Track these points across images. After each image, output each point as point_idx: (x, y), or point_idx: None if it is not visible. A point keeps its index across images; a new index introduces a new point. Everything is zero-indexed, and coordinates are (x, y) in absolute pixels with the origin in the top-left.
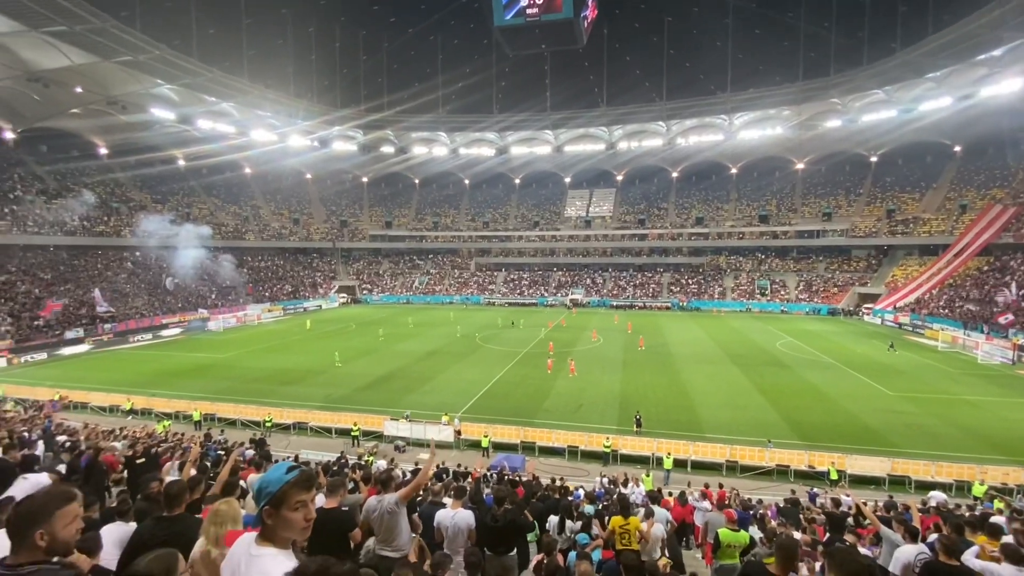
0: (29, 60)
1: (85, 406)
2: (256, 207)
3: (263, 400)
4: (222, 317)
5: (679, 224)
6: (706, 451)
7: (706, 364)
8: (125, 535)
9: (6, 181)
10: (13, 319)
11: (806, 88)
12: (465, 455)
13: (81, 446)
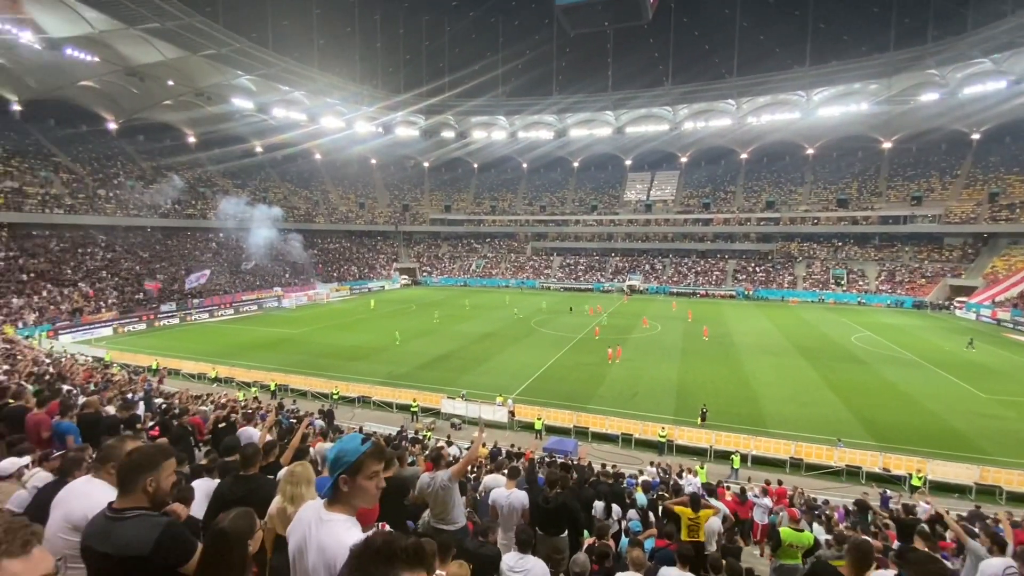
0: (128, 56)
1: (178, 373)
2: (325, 192)
3: (331, 374)
4: (294, 295)
5: (747, 208)
6: (768, 446)
7: (771, 356)
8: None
9: (110, 168)
10: (118, 292)
11: (898, 58)
12: (518, 436)
13: (175, 409)
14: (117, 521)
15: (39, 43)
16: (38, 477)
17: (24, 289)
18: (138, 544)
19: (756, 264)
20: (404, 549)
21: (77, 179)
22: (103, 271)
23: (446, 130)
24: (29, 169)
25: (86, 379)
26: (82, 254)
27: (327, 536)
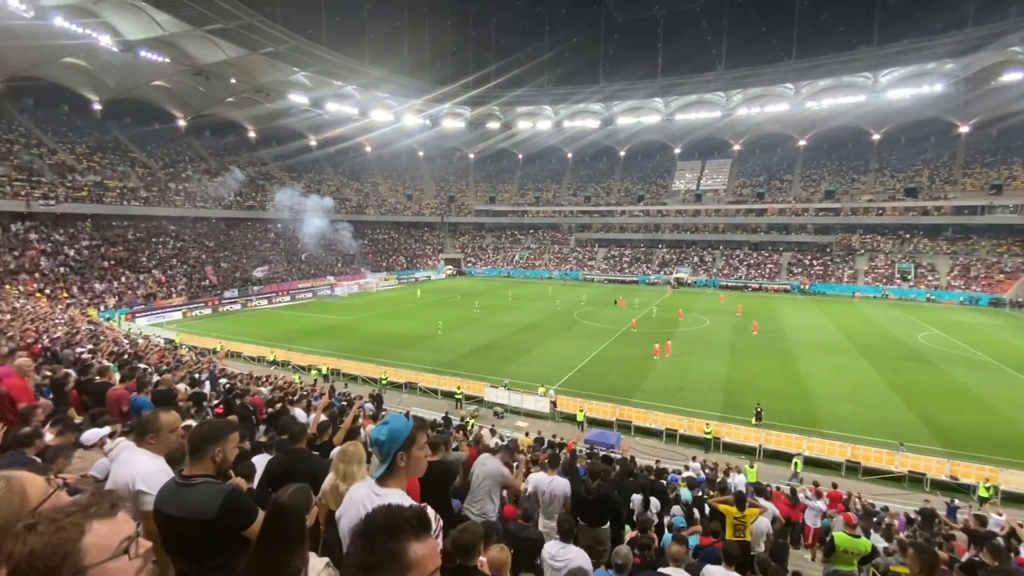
0: (195, 56)
1: (239, 355)
2: (375, 184)
3: (380, 360)
4: (346, 284)
5: (804, 198)
6: (822, 448)
7: (828, 353)
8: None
9: (180, 162)
10: (186, 279)
11: (976, 35)
12: (560, 427)
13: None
14: (186, 487)
15: (116, 46)
16: (121, 445)
17: (105, 275)
18: (205, 508)
19: (813, 257)
20: (407, 520)
21: (151, 173)
22: (173, 259)
23: (491, 121)
24: (109, 164)
25: (159, 359)
26: (155, 243)
27: None
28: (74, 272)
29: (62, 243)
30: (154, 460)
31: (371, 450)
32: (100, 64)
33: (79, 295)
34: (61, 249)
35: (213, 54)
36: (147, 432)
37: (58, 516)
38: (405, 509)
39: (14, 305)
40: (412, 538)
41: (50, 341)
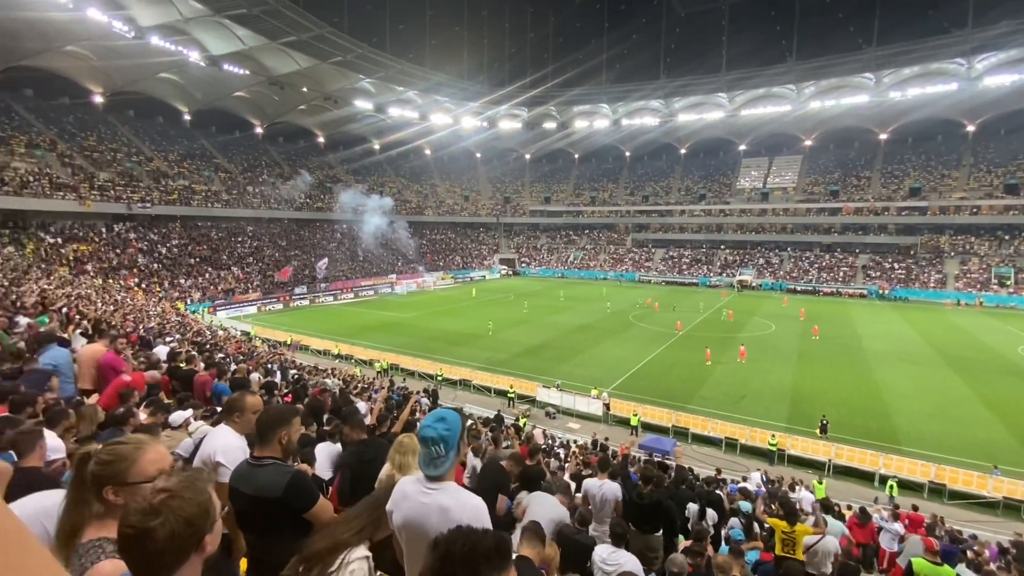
0: (270, 67)
1: (307, 348)
2: (434, 185)
3: (436, 356)
4: (405, 282)
5: (885, 196)
6: (901, 466)
7: (910, 364)
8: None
9: (257, 167)
10: (261, 276)
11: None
12: (613, 430)
13: (305, 379)
14: (256, 467)
15: (203, 61)
16: (201, 429)
17: (191, 271)
18: (272, 487)
19: (894, 260)
20: (487, 553)
21: (231, 177)
22: (250, 257)
23: (548, 121)
24: (196, 170)
25: (236, 349)
26: (234, 242)
27: (446, 499)
28: (165, 268)
29: (156, 242)
30: (236, 437)
31: (429, 447)
32: (189, 78)
33: (169, 289)
34: (155, 247)
35: (287, 65)
36: (233, 411)
37: (193, 482)
38: (485, 539)
39: (115, 298)
40: (493, 571)
41: (144, 331)
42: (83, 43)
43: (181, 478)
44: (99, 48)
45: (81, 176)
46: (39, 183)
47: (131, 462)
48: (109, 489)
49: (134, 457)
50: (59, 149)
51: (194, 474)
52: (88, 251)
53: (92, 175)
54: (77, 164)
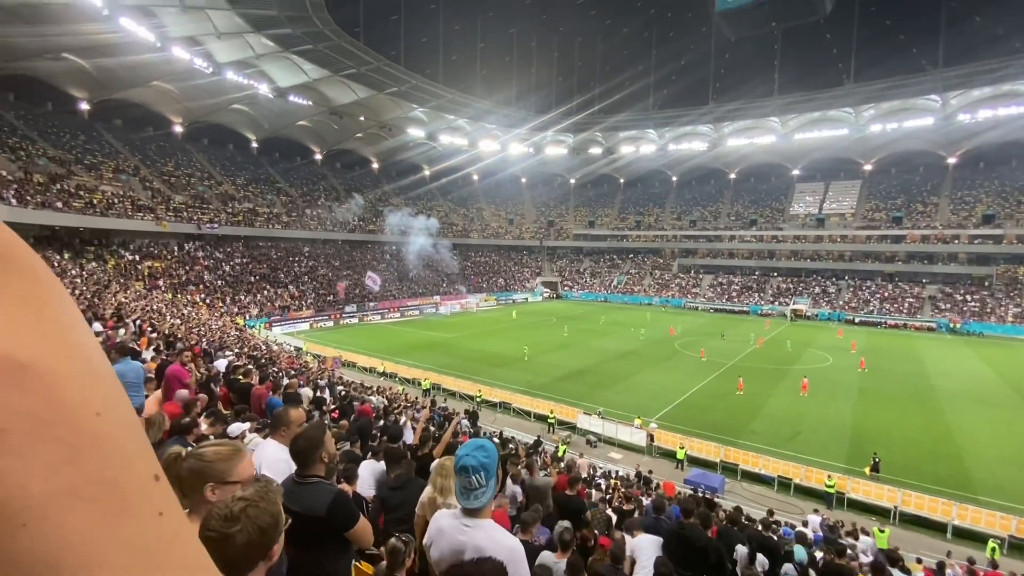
0: (331, 98)
1: (354, 365)
2: (480, 209)
3: (477, 377)
4: (449, 303)
5: (955, 223)
6: (977, 517)
7: (986, 406)
8: (377, 470)
9: (315, 191)
10: (315, 295)
11: None
12: (657, 463)
13: (353, 396)
14: (302, 486)
15: (271, 92)
16: (255, 442)
17: (251, 288)
18: (316, 506)
19: (967, 291)
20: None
21: (291, 200)
22: (305, 276)
23: (593, 147)
24: (260, 193)
25: (288, 364)
26: (291, 261)
27: (483, 539)
28: (228, 285)
29: (221, 260)
30: (280, 450)
31: (469, 476)
32: (258, 108)
33: (230, 305)
34: (220, 265)
35: (347, 95)
36: (280, 425)
37: (267, 493)
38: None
39: (183, 312)
40: None
41: (207, 344)
42: (167, 78)
43: (257, 488)
44: (180, 82)
45: (159, 199)
46: (122, 205)
47: (233, 463)
48: (211, 486)
49: (235, 459)
50: (141, 174)
51: (268, 485)
52: (161, 267)
53: (169, 198)
54: (156, 188)
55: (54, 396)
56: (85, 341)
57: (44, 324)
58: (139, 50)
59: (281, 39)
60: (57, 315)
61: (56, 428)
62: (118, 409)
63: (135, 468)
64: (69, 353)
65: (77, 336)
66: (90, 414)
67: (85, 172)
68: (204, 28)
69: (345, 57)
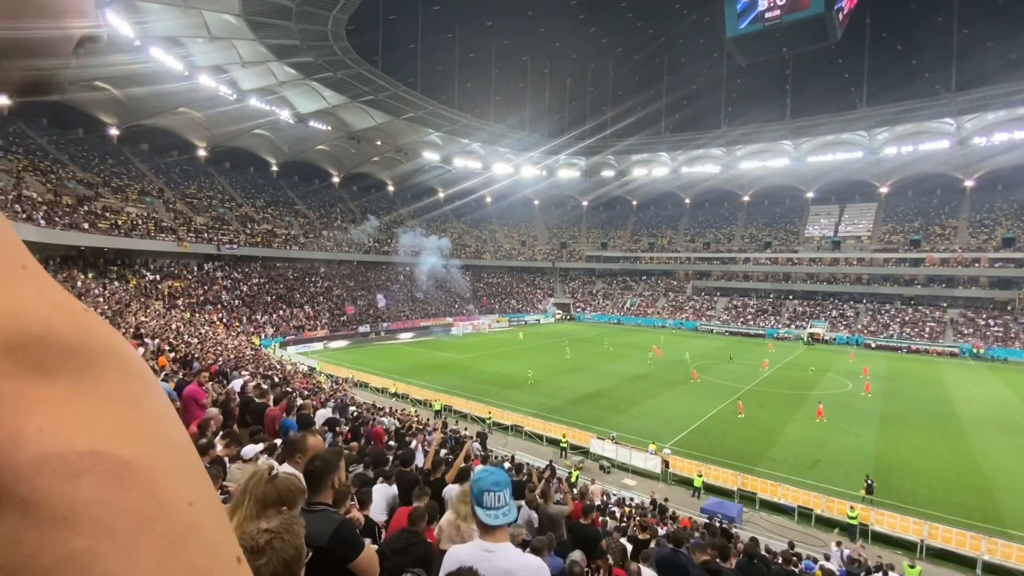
0: (350, 123)
1: (366, 385)
2: (493, 231)
3: (488, 400)
4: (461, 324)
5: (975, 246)
6: (1008, 552)
7: (1014, 435)
8: (389, 494)
9: (332, 213)
10: (329, 315)
11: None
12: (672, 490)
13: (365, 417)
14: (308, 512)
15: (292, 118)
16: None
17: (267, 308)
18: (319, 535)
19: (989, 315)
20: None
21: (309, 222)
22: (320, 296)
23: (606, 169)
24: (279, 215)
25: (302, 385)
26: (307, 281)
27: (508, 562)
28: (245, 304)
29: (239, 280)
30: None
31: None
32: (279, 133)
33: (247, 324)
34: (238, 285)
35: (365, 121)
36: (296, 452)
37: (291, 525)
38: None
39: (200, 331)
40: None
41: (223, 363)
42: (194, 105)
43: (282, 520)
44: (206, 109)
45: (181, 220)
46: (145, 226)
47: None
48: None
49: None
50: (165, 196)
51: (292, 517)
52: (181, 287)
53: (190, 219)
54: (178, 209)
55: (155, 491)
56: (176, 432)
57: (142, 419)
58: (168, 79)
59: (303, 67)
60: (152, 408)
61: (159, 523)
62: (206, 496)
63: (223, 553)
64: (165, 446)
65: (168, 428)
66: (185, 506)
67: (112, 194)
68: (230, 57)
69: (363, 84)
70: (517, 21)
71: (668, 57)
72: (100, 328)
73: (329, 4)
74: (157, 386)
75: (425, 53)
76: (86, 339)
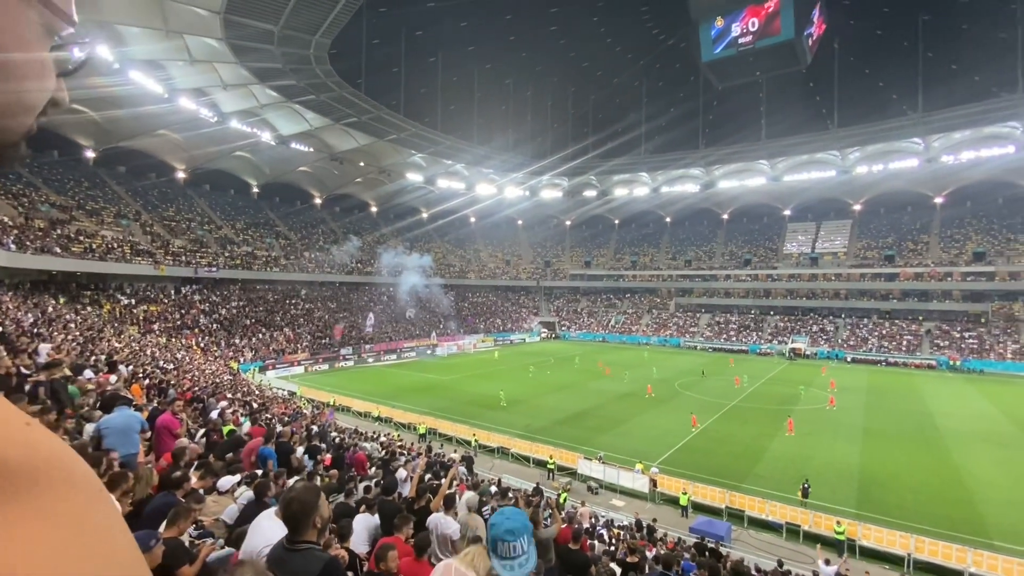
0: (333, 145)
1: (348, 410)
2: (477, 251)
3: (474, 421)
4: (446, 344)
5: (947, 261)
6: (994, 564)
7: (993, 446)
8: (371, 525)
9: (314, 234)
10: (311, 337)
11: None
12: (660, 510)
13: (347, 444)
14: (292, 552)
15: (273, 140)
16: (245, 496)
17: (246, 332)
18: (306, 574)
19: (963, 328)
20: None
21: (290, 244)
22: (301, 318)
23: (588, 189)
24: (259, 237)
25: (282, 411)
26: (288, 304)
27: None
28: (223, 328)
29: (217, 303)
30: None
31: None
32: (260, 155)
33: (225, 349)
34: (216, 308)
35: (347, 142)
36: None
37: None
38: None
39: (175, 356)
40: None
41: (199, 390)
42: (173, 127)
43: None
44: (186, 132)
45: (158, 243)
46: (121, 249)
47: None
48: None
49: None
50: (143, 219)
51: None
52: (157, 311)
53: (168, 242)
54: (156, 232)
55: None
56: (120, 550)
57: (81, 542)
58: (147, 101)
59: (285, 90)
60: (95, 526)
61: None
62: None
63: None
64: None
65: (111, 547)
66: None
67: (86, 217)
68: (211, 80)
69: (346, 106)
70: (499, 46)
71: (647, 80)
72: (42, 441)
73: (312, 28)
74: (103, 497)
75: (408, 76)
76: (26, 456)
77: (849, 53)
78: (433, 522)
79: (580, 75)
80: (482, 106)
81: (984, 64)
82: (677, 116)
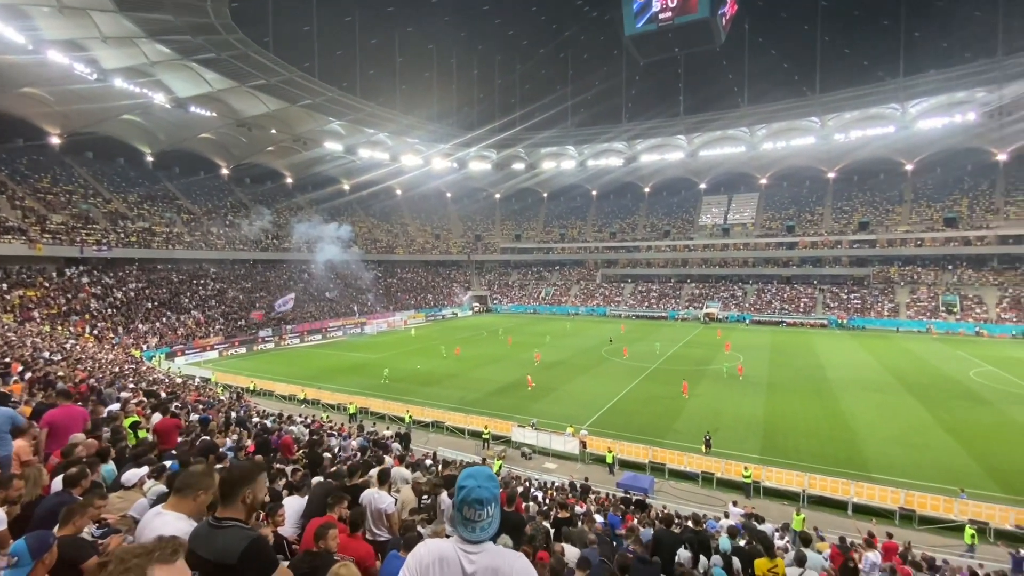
0: (239, 110)
1: (271, 393)
2: (404, 225)
3: (407, 398)
4: (375, 322)
5: (837, 230)
6: (872, 494)
7: (873, 392)
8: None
9: (222, 208)
10: (224, 320)
11: (1010, 64)
12: (590, 469)
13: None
14: (216, 529)
15: (169, 103)
16: (154, 490)
17: (148, 316)
18: (229, 553)
19: (850, 290)
20: None
21: (195, 218)
22: (212, 299)
23: (516, 162)
24: (157, 211)
25: (195, 399)
26: (196, 284)
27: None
28: (120, 313)
29: (111, 286)
30: (185, 523)
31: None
32: (153, 120)
33: (124, 335)
34: (110, 292)
35: (256, 107)
36: (190, 490)
37: (126, 556)
38: None
39: (63, 346)
40: None
41: (95, 380)
42: (40, 84)
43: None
44: (58, 90)
45: (32, 219)
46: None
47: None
48: None
49: None
50: (10, 191)
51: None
52: (36, 296)
53: (44, 218)
54: (28, 206)
55: None
56: None
57: None
58: (6, 52)
59: (179, 46)
60: None
61: None
62: None
63: None
64: None
65: None
66: None
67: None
68: (87, 32)
69: (253, 67)
70: (420, 9)
71: (572, 53)
72: None
73: None
74: None
75: (322, 37)
76: None
77: (758, 34)
78: (367, 497)
79: (506, 44)
80: (405, 73)
81: (873, 50)
82: (602, 91)
